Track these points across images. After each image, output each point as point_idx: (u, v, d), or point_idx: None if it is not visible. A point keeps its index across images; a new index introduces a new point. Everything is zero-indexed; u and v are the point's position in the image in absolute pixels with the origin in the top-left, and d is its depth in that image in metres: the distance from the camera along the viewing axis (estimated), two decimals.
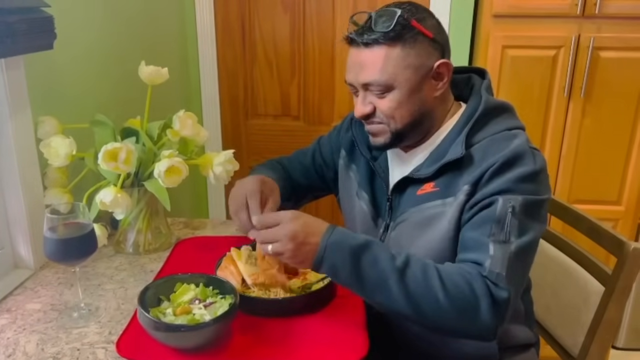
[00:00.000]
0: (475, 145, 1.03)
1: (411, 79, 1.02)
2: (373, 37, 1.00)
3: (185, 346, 0.94)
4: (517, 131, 1.05)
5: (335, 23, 2.17)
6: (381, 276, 0.93)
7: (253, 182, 1.13)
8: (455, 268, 0.96)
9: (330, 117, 2.28)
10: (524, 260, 0.98)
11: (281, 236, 0.95)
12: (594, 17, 1.80)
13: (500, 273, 0.93)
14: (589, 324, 1.18)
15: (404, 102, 1.03)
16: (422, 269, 0.94)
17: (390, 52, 1.00)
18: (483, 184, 0.99)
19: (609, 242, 1.16)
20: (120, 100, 1.59)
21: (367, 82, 1.03)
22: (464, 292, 0.92)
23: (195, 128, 1.31)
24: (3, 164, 1.16)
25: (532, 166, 0.98)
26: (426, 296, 0.92)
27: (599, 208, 1.96)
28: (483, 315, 0.92)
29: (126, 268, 1.25)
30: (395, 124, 1.05)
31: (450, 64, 1.05)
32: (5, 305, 1.09)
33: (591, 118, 1.90)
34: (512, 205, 0.95)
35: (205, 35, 2.22)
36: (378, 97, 1.04)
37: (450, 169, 1.03)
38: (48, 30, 1.15)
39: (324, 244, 0.94)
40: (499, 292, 0.92)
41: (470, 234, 0.98)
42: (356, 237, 0.96)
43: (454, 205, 1.01)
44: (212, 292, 1.02)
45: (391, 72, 1.01)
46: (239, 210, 1.10)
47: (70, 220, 1.01)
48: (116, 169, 1.16)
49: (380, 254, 0.94)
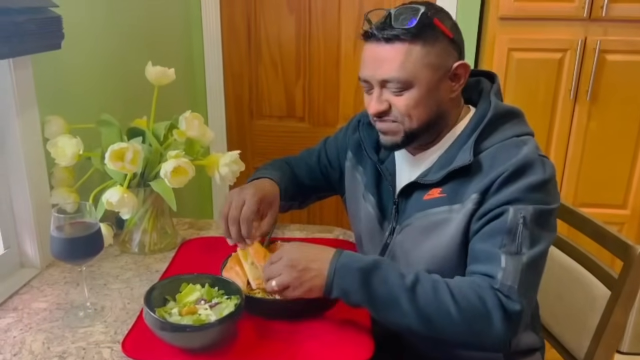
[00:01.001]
0: (483, 151, 1.02)
1: (430, 78, 1.00)
2: (394, 32, 0.98)
3: (190, 346, 0.94)
4: (526, 137, 1.04)
5: (340, 25, 2.17)
6: (392, 295, 0.93)
7: (250, 198, 1.11)
8: (466, 282, 0.95)
9: (335, 119, 2.28)
10: (536, 271, 0.98)
11: (282, 267, 0.97)
12: (600, 20, 1.80)
13: (512, 286, 0.92)
14: (594, 328, 1.17)
15: (421, 101, 1.02)
16: (432, 285, 0.94)
17: (412, 49, 0.98)
18: (492, 193, 0.98)
19: (615, 245, 1.16)
20: (125, 100, 1.59)
21: (386, 79, 1.01)
22: (475, 306, 0.92)
23: (202, 129, 1.31)
24: (10, 163, 1.16)
25: (542, 175, 0.97)
26: (438, 312, 0.92)
27: (604, 212, 1.95)
28: (495, 329, 0.92)
29: (132, 268, 1.25)
30: (410, 123, 1.04)
31: (468, 65, 1.04)
32: (12, 304, 1.09)
33: (597, 121, 1.90)
34: (523, 216, 0.94)
35: (211, 35, 2.22)
36: (395, 94, 1.02)
37: (458, 176, 1.02)
38: (56, 30, 1.15)
39: (332, 269, 0.95)
40: (512, 305, 0.92)
41: (481, 246, 0.97)
42: (364, 259, 0.97)
43: (461, 213, 1.00)
44: (217, 292, 1.02)
45: (411, 70, 0.99)
46: (231, 223, 1.10)
47: (77, 220, 1.01)
48: (123, 168, 1.16)
49: (389, 273, 0.95)
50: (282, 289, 0.97)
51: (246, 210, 1.10)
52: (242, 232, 1.09)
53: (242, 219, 1.09)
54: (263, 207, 1.14)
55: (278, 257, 1.00)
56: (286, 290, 0.97)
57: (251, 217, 1.10)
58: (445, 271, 1.00)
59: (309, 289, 0.96)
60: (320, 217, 2.38)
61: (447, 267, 1.01)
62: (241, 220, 1.09)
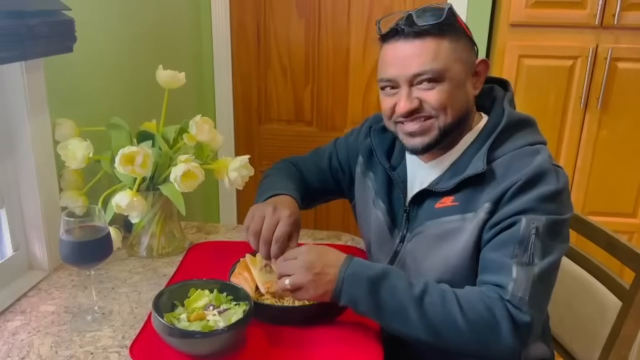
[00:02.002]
0: (497, 160, 1.02)
1: (460, 72, 1.01)
2: (423, 27, 0.98)
3: (198, 352, 0.93)
4: (540, 146, 1.03)
5: (350, 30, 2.17)
6: (400, 305, 0.93)
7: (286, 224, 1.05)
8: (475, 293, 0.94)
9: (343, 124, 2.28)
10: (547, 283, 0.97)
11: (297, 268, 0.96)
12: (612, 28, 1.79)
13: (523, 297, 0.91)
14: (605, 339, 1.16)
15: (453, 94, 1.01)
16: (441, 296, 0.93)
17: (441, 44, 0.99)
18: (505, 202, 0.97)
19: (625, 255, 1.15)
20: (135, 103, 1.60)
21: (419, 72, 0.99)
22: (483, 318, 0.91)
23: (212, 133, 1.31)
24: (21, 165, 1.17)
25: (555, 185, 0.97)
26: (445, 323, 0.91)
27: (614, 220, 1.94)
28: (504, 340, 0.91)
29: (140, 271, 1.25)
30: (445, 117, 1.02)
31: (488, 62, 1.06)
32: (20, 307, 1.09)
33: (607, 129, 1.89)
34: (535, 226, 0.93)
35: (220, 39, 2.22)
36: (426, 90, 1.00)
37: (470, 184, 1.02)
38: (68, 34, 1.16)
39: (341, 276, 0.95)
40: (521, 316, 0.91)
41: (492, 255, 0.96)
42: (373, 267, 0.96)
43: (474, 222, 0.99)
44: (226, 298, 1.02)
45: (444, 62, 0.99)
46: (263, 242, 1.05)
47: (86, 224, 1.01)
48: (133, 172, 1.16)
49: (398, 283, 0.94)
50: (295, 289, 0.96)
51: (282, 233, 1.05)
52: (272, 253, 1.05)
53: (276, 239, 1.04)
54: (293, 229, 1.09)
55: (293, 256, 0.99)
56: (299, 291, 0.96)
57: (285, 239, 1.05)
58: (456, 280, 0.99)
59: (323, 293, 0.96)
60: (327, 222, 2.37)
61: (458, 277, 1.01)
62: (274, 241, 1.05)
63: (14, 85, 1.12)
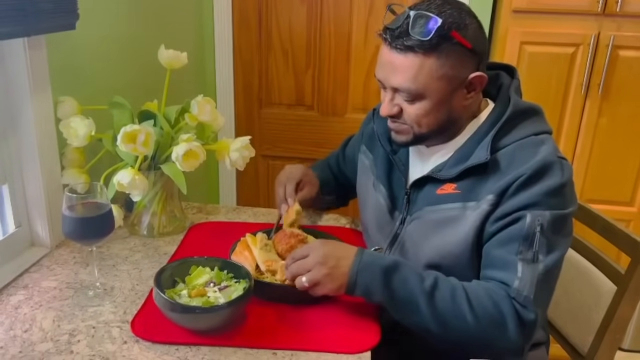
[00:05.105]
0: (501, 149, 1.01)
1: (443, 89, 0.99)
2: (408, 43, 0.95)
3: (199, 327, 0.95)
4: (545, 136, 1.02)
5: (352, 15, 2.15)
6: (411, 296, 0.94)
7: (297, 170, 1.32)
8: (483, 288, 0.95)
9: (344, 108, 2.28)
10: (552, 279, 0.98)
11: (312, 264, 0.97)
12: (614, 15, 1.79)
13: (528, 296, 0.93)
14: (599, 323, 1.18)
15: (432, 111, 1.01)
16: (451, 290, 0.95)
17: (425, 62, 0.96)
18: (509, 195, 0.96)
19: (623, 241, 1.16)
20: (136, 83, 1.59)
21: (397, 87, 1.00)
22: (491, 314, 0.93)
23: (213, 114, 1.31)
24: (23, 142, 1.17)
25: (560, 178, 0.96)
26: (454, 318, 0.93)
27: (611, 208, 1.94)
28: (510, 336, 0.93)
29: (140, 250, 1.26)
30: (420, 129, 1.04)
31: (484, 76, 1.01)
32: (22, 282, 1.10)
33: (607, 117, 1.89)
34: (540, 223, 0.93)
35: (222, 22, 2.21)
36: (406, 101, 1.02)
37: (473, 173, 1.01)
38: (72, 11, 1.15)
39: (355, 268, 0.96)
40: (527, 314, 0.93)
41: (497, 252, 0.97)
42: (385, 258, 0.98)
43: (476, 212, 0.99)
44: (226, 275, 1.03)
45: (423, 82, 0.97)
46: (278, 185, 1.29)
47: (89, 200, 1.02)
48: (134, 150, 1.17)
49: (409, 275, 0.96)
50: (312, 285, 0.98)
51: (293, 173, 1.30)
52: (287, 189, 1.26)
53: (289, 178, 1.29)
54: (305, 179, 1.31)
55: (302, 255, 1.00)
56: (316, 286, 0.98)
57: (297, 177, 1.29)
58: (455, 267, 1.01)
59: (339, 286, 0.97)
60: None
61: (456, 264, 1.02)
62: (288, 179, 1.28)
63: (16, 62, 1.12)
